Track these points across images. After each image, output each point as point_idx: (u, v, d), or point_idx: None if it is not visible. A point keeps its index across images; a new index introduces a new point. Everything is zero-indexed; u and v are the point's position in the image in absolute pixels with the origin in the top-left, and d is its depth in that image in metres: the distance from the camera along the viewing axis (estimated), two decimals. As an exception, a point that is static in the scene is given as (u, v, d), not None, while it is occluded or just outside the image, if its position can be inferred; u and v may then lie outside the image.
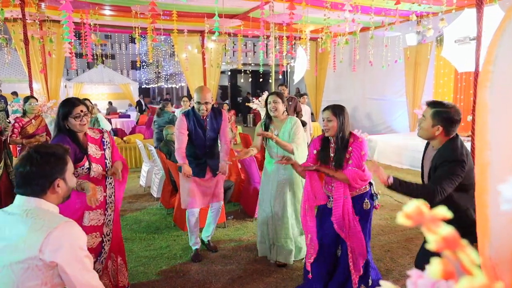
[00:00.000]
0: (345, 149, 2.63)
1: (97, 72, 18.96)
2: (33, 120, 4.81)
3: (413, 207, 0.41)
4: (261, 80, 16.63)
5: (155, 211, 5.08)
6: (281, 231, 3.38)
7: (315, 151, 2.83)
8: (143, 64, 32.76)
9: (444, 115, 2.13)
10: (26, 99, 4.91)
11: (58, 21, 8.30)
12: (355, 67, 9.30)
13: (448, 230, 0.39)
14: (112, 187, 2.56)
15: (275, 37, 7.58)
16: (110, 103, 16.29)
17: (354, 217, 2.67)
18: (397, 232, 4.18)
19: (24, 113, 4.84)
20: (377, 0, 5.92)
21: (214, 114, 3.47)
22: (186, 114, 3.43)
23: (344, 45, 6.44)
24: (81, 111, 2.37)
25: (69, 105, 2.37)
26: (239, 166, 5.14)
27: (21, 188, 1.43)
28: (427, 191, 2.03)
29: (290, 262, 3.41)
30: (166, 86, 30.71)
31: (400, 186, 2.08)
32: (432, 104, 2.23)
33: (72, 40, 4.94)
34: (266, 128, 3.44)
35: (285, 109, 3.38)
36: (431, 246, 0.39)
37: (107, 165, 2.53)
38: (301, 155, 3.28)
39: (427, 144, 2.48)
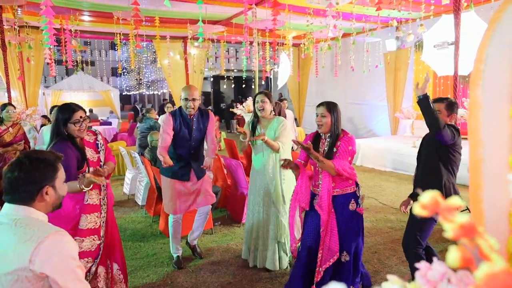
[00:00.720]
0: (334, 143, 2.70)
1: (77, 79, 18.57)
2: (10, 128, 4.63)
3: (428, 198, 0.42)
4: (243, 86, 16.63)
5: (140, 219, 4.99)
6: (267, 234, 3.37)
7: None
8: (123, 71, 32.37)
9: (455, 105, 2.73)
10: (4, 106, 4.74)
11: (37, 27, 8.15)
12: (337, 72, 9.46)
13: (465, 218, 0.40)
14: (105, 189, 2.54)
15: (258, 43, 7.63)
16: (90, 110, 16.01)
17: (333, 214, 2.71)
18: (383, 234, 4.23)
19: (1, 121, 4.67)
20: (357, 7, 6.04)
21: (201, 115, 3.43)
22: (173, 113, 3.37)
23: (326, 50, 6.52)
24: (81, 116, 2.38)
25: (68, 111, 2.36)
26: (225, 171, 5.12)
27: (8, 195, 1.38)
28: (438, 119, 2.45)
29: (276, 268, 3.38)
30: (147, 93, 30.39)
31: (429, 103, 2.45)
32: (440, 100, 2.77)
33: (52, 46, 4.84)
34: (254, 127, 3.45)
35: (272, 109, 3.41)
36: (448, 234, 0.40)
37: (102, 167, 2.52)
38: (287, 153, 3.36)
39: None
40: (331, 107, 2.72)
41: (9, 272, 1.25)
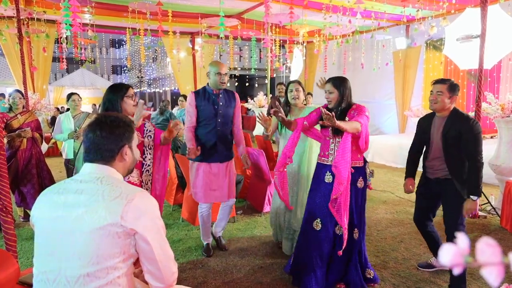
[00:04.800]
0: (344, 115, 2.69)
1: (78, 76, 18.58)
2: (19, 115, 4.51)
3: None
4: (247, 84, 16.58)
5: (159, 208, 4.98)
6: (288, 222, 3.40)
7: (315, 113, 2.88)
8: (124, 69, 32.30)
9: (456, 87, 2.70)
10: (10, 93, 4.68)
11: (52, 21, 8.14)
12: (345, 70, 9.49)
13: None
14: (150, 175, 2.56)
15: (273, 40, 7.65)
16: (94, 105, 16.02)
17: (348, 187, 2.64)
18: (406, 225, 4.25)
19: (10, 108, 4.57)
20: (375, 4, 6.08)
21: (227, 94, 3.37)
22: (196, 92, 3.30)
23: (344, 44, 6.54)
24: (133, 93, 2.56)
25: (124, 87, 2.52)
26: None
27: (90, 154, 1.39)
28: (479, 171, 2.58)
29: (289, 253, 3.37)
30: (148, 90, 30.33)
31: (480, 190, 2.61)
32: (441, 81, 2.72)
33: (69, 33, 4.76)
34: (286, 116, 3.37)
35: (304, 98, 3.43)
36: None
37: (145, 152, 2.57)
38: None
39: (428, 118, 2.91)
40: (337, 82, 2.73)
41: (101, 227, 1.25)
